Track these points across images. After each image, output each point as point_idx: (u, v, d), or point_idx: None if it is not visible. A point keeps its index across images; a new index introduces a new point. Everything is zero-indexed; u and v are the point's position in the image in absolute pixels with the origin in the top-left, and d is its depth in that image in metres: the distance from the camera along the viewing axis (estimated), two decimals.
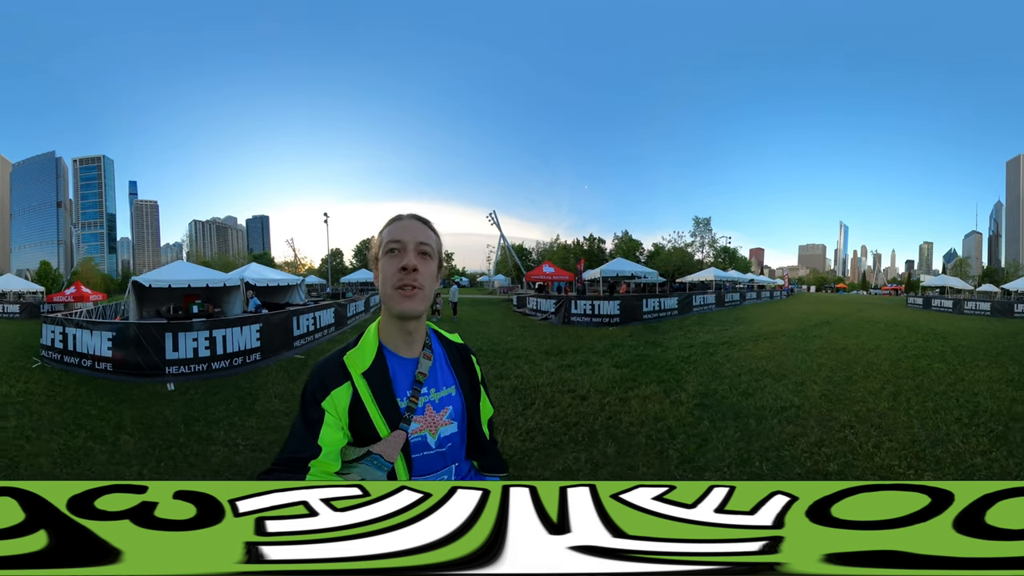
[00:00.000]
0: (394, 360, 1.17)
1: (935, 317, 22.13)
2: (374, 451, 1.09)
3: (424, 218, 1.20)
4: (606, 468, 4.38)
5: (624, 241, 70.72)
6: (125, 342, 8.24)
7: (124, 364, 8.17)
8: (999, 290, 36.37)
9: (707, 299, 25.30)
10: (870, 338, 13.21)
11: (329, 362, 1.15)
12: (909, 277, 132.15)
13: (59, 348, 8.93)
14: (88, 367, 8.45)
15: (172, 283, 11.76)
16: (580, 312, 17.49)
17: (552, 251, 73.05)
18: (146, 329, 8.38)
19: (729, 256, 67.32)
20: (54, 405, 6.54)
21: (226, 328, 8.89)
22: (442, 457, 1.19)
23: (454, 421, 1.21)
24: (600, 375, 8.21)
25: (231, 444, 5.06)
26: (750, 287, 39.85)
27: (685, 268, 50.00)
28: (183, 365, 8.28)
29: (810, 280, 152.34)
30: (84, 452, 4.85)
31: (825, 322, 18.15)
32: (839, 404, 6.27)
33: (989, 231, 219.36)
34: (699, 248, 64.99)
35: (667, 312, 20.15)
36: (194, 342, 8.41)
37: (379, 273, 1.16)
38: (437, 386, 1.20)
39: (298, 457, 1.04)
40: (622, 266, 25.96)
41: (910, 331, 15.23)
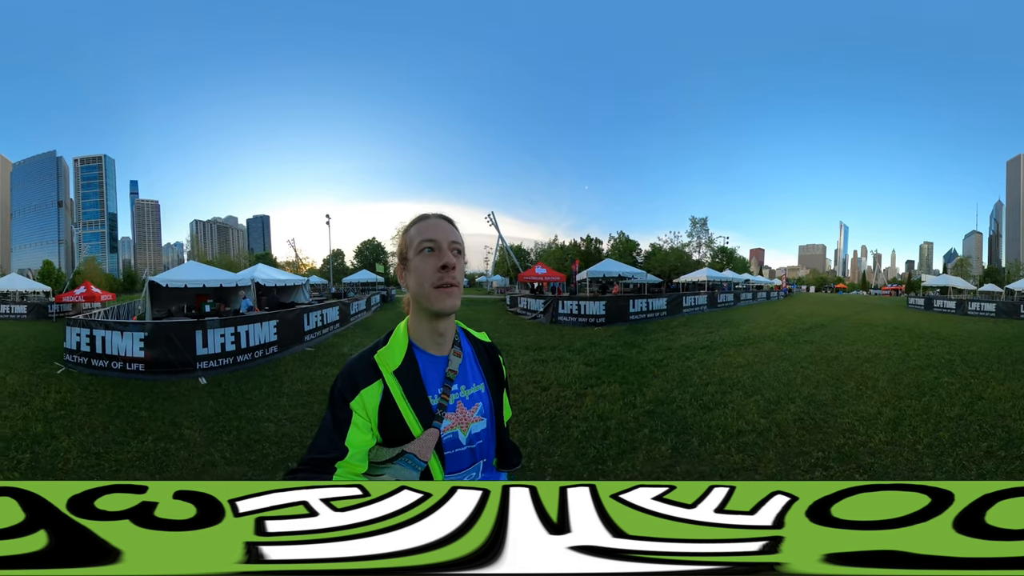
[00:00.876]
0: (424, 358, 1.17)
1: (938, 319, 20.98)
2: (408, 450, 1.09)
3: (450, 217, 1.21)
4: (526, 448, 4.74)
5: (620, 242, 70.74)
6: (157, 341, 8.49)
7: (156, 363, 8.42)
8: (1002, 290, 36.10)
9: (698, 300, 25.02)
10: (867, 344, 11.96)
11: (360, 360, 1.15)
12: (909, 277, 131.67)
13: (86, 351, 8.75)
14: (119, 369, 8.48)
15: (188, 283, 12.28)
16: (567, 312, 18.03)
17: (550, 252, 73.47)
18: (179, 327, 8.81)
19: (727, 256, 67.07)
20: (100, 413, 6.27)
21: (249, 324, 9.69)
22: (472, 454, 1.19)
23: (484, 417, 1.22)
24: (568, 371, 8.50)
25: (276, 420, 5.76)
26: (745, 287, 39.31)
27: (682, 268, 49.86)
28: (212, 360, 8.81)
29: (810, 280, 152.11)
30: (163, 453, 4.83)
31: (819, 325, 17.20)
32: (816, 434, 5.07)
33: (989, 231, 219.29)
34: (696, 248, 65.04)
35: (655, 313, 20.07)
36: (221, 338, 9.03)
37: (410, 273, 1.15)
38: (467, 383, 1.21)
39: (325, 458, 1.05)
40: (610, 267, 26.36)
41: (912, 336, 14.02)
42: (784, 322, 18.37)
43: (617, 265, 27.38)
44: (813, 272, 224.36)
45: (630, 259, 65.36)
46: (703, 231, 65.37)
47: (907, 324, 17.96)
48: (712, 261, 61.96)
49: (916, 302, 30.83)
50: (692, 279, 33.94)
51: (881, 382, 7.58)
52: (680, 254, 61.48)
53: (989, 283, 46.83)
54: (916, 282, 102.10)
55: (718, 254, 65.72)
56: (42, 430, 5.42)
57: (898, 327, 16.60)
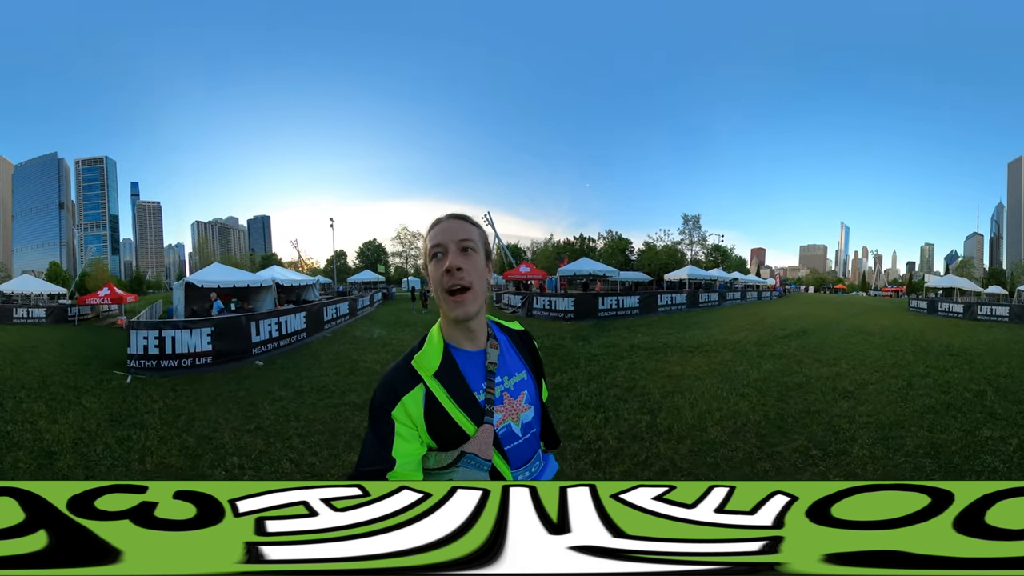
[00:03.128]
0: (462, 356, 1.14)
1: (944, 325, 18.12)
2: (467, 451, 1.05)
3: (462, 215, 1.17)
4: None
5: (613, 240, 70.61)
6: (222, 335, 9.65)
7: (221, 354, 9.49)
8: (1006, 292, 35.08)
9: (677, 299, 24.67)
10: (854, 365, 8.72)
11: (397, 369, 1.11)
12: (910, 278, 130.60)
13: (154, 354, 8.85)
14: (188, 366, 9.03)
15: (220, 283, 13.53)
16: (540, 307, 19.61)
17: (546, 250, 74.21)
18: (238, 321, 10.38)
19: (721, 254, 66.07)
20: (209, 407, 6.30)
21: (288, 315, 12.05)
22: (529, 443, 1.18)
23: (531, 405, 1.20)
24: None
25: (328, 376, 7.78)
26: (731, 286, 37.12)
27: (674, 267, 49.43)
28: (262, 346, 10.66)
29: (809, 280, 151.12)
30: (284, 412, 5.97)
31: (801, 332, 14.36)
32: None
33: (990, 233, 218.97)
34: (688, 246, 64.45)
35: (626, 311, 20.24)
36: (269, 327, 11.00)
37: (430, 279, 1.14)
38: (509, 373, 1.18)
39: (373, 470, 1.00)
40: (584, 266, 27.20)
41: (917, 350, 10.75)
42: (761, 327, 16.08)
43: (591, 264, 28.17)
44: (812, 272, 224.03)
45: (622, 257, 65.13)
46: (696, 229, 64.89)
47: (910, 332, 14.99)
48: (705, 259, 61.37)
49: (918, 305, 27.90)
50: (675, 277, 33.11)
51: (857, 445, 4.54)
52: (673, 252, 61.07)
53: (994, 285, 45.20)
54: (918, 283, 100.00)
55: (712, 252, 65.04)
56: (195, 444, 4.93)
57: (898, 337, 13.61)
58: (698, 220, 65.03)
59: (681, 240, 65.04)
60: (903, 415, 5.54)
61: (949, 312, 23.83)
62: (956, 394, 6.52)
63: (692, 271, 33.66)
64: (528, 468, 1.17)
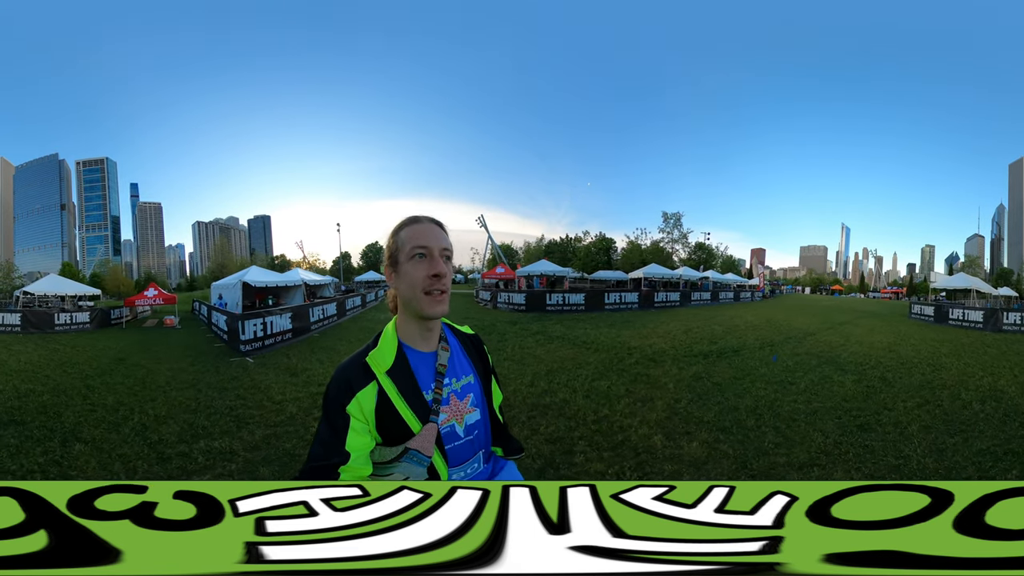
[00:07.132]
0: (414, 355, 1.19)
1: (966, 343, 12.83)
2: (411, 447, 1.10)
3: (440, 222, 1.23)
4: None
5: (597, 240, 70.65)
6: (296, 317, 13.87)
7: (296, 331, 13.55)
8: (1020, 295, 32.66)
9: (627, 297, 24.40)
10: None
11: (352, 365, 1.15)
12: (911, 280, 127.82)
13: (260, 336, 11.59)
14: (279, 341, 12.43)
15: (267, 283, 17.54)
16: (504, 301, 23.70)
17: (537, 249, 76.00)
18: (303, 308, 15.23)
19: (707, 253, 63.87)
20: (323, 359, 9.82)
21: (327, 304, 18.18)
22: (471, 445, 1.22)
23: (477, 408, 1.25)
24: None
25: (362, 340, 8.47)
26: (696, 286, 33.24)
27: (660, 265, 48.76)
28: (317, 324, 15.91)
29: (806, 281, 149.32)
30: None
31: (724, 353, 10.06)
32: None
33: (991, 234, 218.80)
34: (669, 244, 63.38)
35: (571, 307, 22.36)
36: (319, 311, 16.63)
37: (400, 277, 1.17)
38: (457, 376, 1.23)
39: (328, 464, 1.05)
40: (543, 267, 30.93)
41: (933, 409, 5.81)
42: (689, 336, 12.91)
43: (549, 265, 32.07)
44: (810, 272, 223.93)
45: (606, 256, 64.91)
46: (676, 227, 63.54)
47: (914, 360, 9.67)
48: (688, 259, 59.44)
49: (923, 311, 21.73)
50: (637, 276, 31.61)
51: None
52: (658, 251, 60.13)
53: (1004, 286, 41.58)
54: (921, 284, 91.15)
55: (696, 251, 63.18)
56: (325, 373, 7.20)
57: (894, 370, 8.40)
58: (680, 218, 64.10)
59: (661, 238, 64.16)
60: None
61: (964, 321, 18.10)
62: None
63: (650, 269, 32.23)
64: (465, 468, 1.20)
